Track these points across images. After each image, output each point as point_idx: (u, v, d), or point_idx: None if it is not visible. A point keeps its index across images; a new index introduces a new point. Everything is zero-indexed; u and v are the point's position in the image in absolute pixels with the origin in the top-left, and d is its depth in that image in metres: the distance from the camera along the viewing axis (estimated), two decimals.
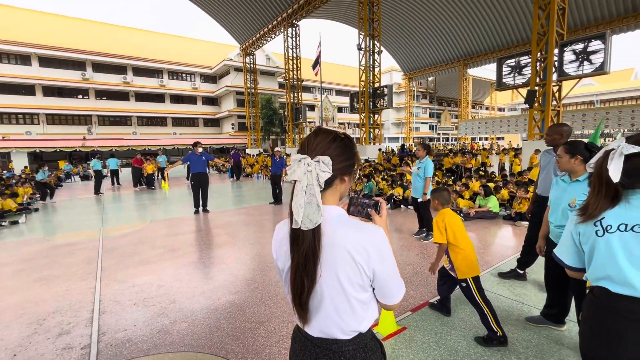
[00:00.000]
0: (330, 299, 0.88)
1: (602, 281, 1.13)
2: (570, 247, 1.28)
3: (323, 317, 0.90)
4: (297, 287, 0.87)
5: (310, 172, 0.83)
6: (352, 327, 0.91)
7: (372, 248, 0.86)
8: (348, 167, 0.93)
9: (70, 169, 19.72)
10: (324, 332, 0.92)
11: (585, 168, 2.17)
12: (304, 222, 0.82)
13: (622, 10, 18.72)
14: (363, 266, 0.86)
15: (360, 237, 0.86)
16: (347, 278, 0.86)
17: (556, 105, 10.23)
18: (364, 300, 0.90)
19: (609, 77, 38.95)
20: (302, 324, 0.93)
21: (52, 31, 28.34)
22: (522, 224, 5.83)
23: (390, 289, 0.92)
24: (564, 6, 9.67)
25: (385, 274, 0.89)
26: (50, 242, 5.64)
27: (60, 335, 2.68)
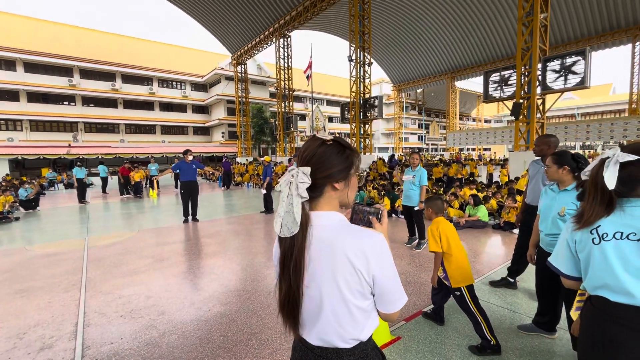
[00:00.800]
0: (330, 306, 0.87)
1: (600, 290, 1.14)
2: (566, 255, 1.28)
3: (322, 324, 0.88)
4: (280, 292, 0.90)
5: (291, 182, 0.85)
6: (352, 335, 0.89)
7: (372, 253, 0.85)
8: (338, 173, 0.91)
9: (54, 177, 19.16)
10: (323, 340, 0.90)
11: (572, 178, 2.24)
12: (282, 231, 0.84)
13: (600, 29, 19.67)
14: (362, 272, 0.85)
15: (360, 242, 0.85)
16: (346, 284, 0.85)
17: (540, 118, 10.55)
18: (364, 308, 0.89)
19: (589, 92, 40.59)
20: (292, 331, 0.93)
21: (38, 37, 27.92)
22: (515, 233, 5.95)
23: (389, 297, 0.89)
24: (546, 23, 10.10)
25: (385, 281, 0.87)
26: (31, 252, 5.43)
27: (42, 350, 2.56)
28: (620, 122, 17.45)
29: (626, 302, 1.07)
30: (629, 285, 1.05)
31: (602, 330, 1.13)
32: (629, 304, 1.07)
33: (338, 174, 0.91)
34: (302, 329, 0.94)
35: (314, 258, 0.88)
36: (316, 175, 0.88)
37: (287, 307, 0.90)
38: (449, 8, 22.19)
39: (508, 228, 6.14)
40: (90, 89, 28.71)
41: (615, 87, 51.03)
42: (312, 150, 0.91)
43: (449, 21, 23.54)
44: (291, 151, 22.18)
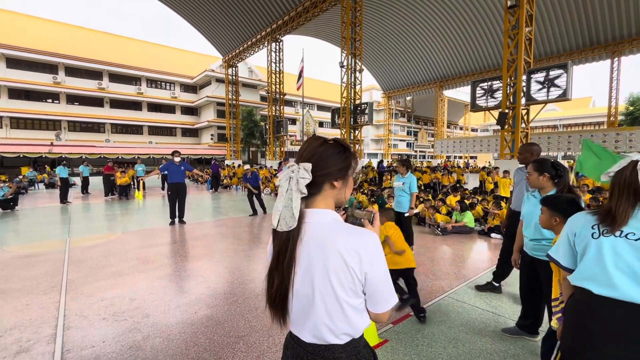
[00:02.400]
0: (323, 303, 0.87)
1: (586, 282, 1.18)
2: (565, 248, 1.34)
3: (314, 321, 0.89)
4: (270, 285, 0.91)
5: (292, 177, 0.86)
6: (344, 331, 0.89)
7: (365, 251, 0.86)
8: (338, 172, 0.93)
9: (34, 176, 18.53)
10: (316, 336, 0.91)
11: (552, 184, 2.31)
12: (280, 225, 0.86)
13: (581, 44, 20.50)
14: (355, 270, 0.86)
15: (353, 240, 0.87)
16: (338, 282, 0.86)
17: (525, 127, 10.88)
18: (356, 306, 0.89)
19: (571, 104, 42.04)
20: (280, 323, 0.94)
21: (23, 31, 27.17)
22: (494, 237, 6.11)
23: (380, 296, 0.90)
24: (531, 37, 10.47)
25: (376, 279, 0.88)
26: (8, 252, 5.22)
27: (18, 354, 2.46)
28: (600, 134, 18.14)
29: (608, 295, 1.12)
30: (616, 279, 1.10)
31: (581, 321, 1.18)
32: (610, 297, 1.11)
33: (337, 173, 0.93)
34: (294, 326, 0.95)
35: (307, 255, 0.89)
36: (316, 172, 0.89)
37: (277, 301, 0.91)
38: (438, 19, 22.76)
39: (497, 232, 6.30)
40: (76, 87, 28.05)
41: (594, 101, 53.15)
42: (314, 148, 0.93)
43: (438, 32, 24.12)
44: (281, 155, 22.14)
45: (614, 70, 20.90)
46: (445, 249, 5.53)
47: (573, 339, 1.21)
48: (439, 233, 6.48)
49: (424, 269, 4.42)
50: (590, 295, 1.17)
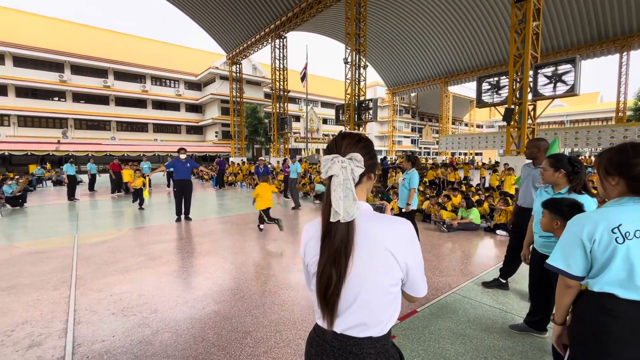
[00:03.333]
0: (365, 293, 0.88)
1: (613, 287, 1.15)
2: (579, 256, 1.22)
3: (353, 312, 0.89)
4: (324, 281, 0.87)
5: (345, 168, 0.87)
6: (379, 320, 0.90)
7: (407, 239, 0.90)
8: (373, 165, 0.97)
9: (42, 174, 18.76)
10: (352, 328, 0.90)
11: (567, 181, 2.27)
12: (344, 215, 0.85)
13: (589, 38, 20.17)
14: (398, 259, 0.88)
15: (394, 229, 0.90)
16: (383, 270, 0.88)
17: (531, 124, 10.76)
18: (395, 294, 0.92)
19: (578, 100, 41.46)
20: (327, 321, 0.90)
21: (29, 30, 27.40)
22: (499, 234, 6.09)
23: (420, 281, 0.95)
24: (538, 32, 10.32)
25: (417, 266, 0.92)
26: (19, 249, 5.30)
27: (30, 347, 2.50)
28: (607, 130, 17.89)
29: (636, 299, 1.11)
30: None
31: (602, 324, 1.15)
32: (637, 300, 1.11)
33: (373, 166, 0.97)
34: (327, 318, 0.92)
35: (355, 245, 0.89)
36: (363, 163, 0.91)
37: (333, 296, 0.87)
38: (443, 14, 22.52)
39: (495, 229, 6.28)
40: (82, 85, 28.27)
41: (602, 96, 52.37)
42: (353, 144, 0.94)
43: (443, 27, 23.87)
44: (285, 152, 22.16)
45: (622, 65, 20.57)
46: (451, 245, 5.52)
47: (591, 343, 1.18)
48: (444, 230, 6.46)
49: (430, 265, 4.41)
50: (613, 299, 1.14)
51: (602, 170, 1.25)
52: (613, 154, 1.21)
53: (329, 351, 0.92)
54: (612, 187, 1.22)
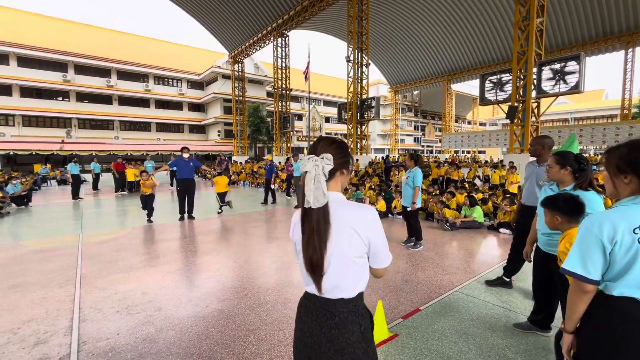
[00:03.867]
0: (335, 264, 1.10)
1: (634, 291, 1.11)
2: (598, 259, 1.16)
3: (328, 279, 1.11)
4: (309, 254, 1.09)
5: (317, 165, 1.07)
6: (350, 286, 1.13)
7: (369, 220, 1.12)
8: (345, 162, 1.20)
9: (46, 173, 18.90)
10: (328, 290, 1.12)
11: (573, 179, 2.25)
12: (313, 202, 1.06)
13: (594, 34, 19.97)
14: (361, 235, 1.10)
15: (359, 212, 1.12)
16: (348, 245, 1.10)
17: (535, 121, 10.69)
18: (361, 265, 1.14)
19: (582, 97, 41.16)
20: (317, 284, 1.12)
21: (32, 30, 27.55)
22: (502, 233, 6.07)
23: (382, 255, 1.16)
24: (542, 28, 10.23)
25: (378, 242, 1.14)
26: (24, 247, 5.35)
27: (36, 345, 2.53)
28: (612, 127, 17.73)
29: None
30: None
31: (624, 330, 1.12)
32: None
33: (345, 164, 1.20)
34: (310, 285, 1.16)
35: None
36: (334, 162, 1.12)
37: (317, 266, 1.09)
38: (446, 11, 22.38)
39: (499, 228, 6.26)
40: (85, 84, 28.41)
41: (607, 93, 51.86)
42: (327, 145, 1.17)
43: (446, 24, 23.73)
44: (287, 151, 22.16)
45: (628, 62, 20.37)
46: (454, 244, 5.50)
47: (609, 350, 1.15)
48: (447, 228, 6.44)
49: (433, 264, 4.40)
50: (635, 303, 1.11)
51: (613, 168, 1.20)
52: (625, 151, 1.16)
53: (313, 309, 1.16)
54: (624, 185, 1.17)
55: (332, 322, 1.12)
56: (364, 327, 1.14)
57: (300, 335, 1.21)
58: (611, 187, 1.24)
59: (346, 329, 1.11)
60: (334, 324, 1.11)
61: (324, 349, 1.11)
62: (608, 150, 1.25)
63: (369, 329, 1.17)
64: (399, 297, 3.33)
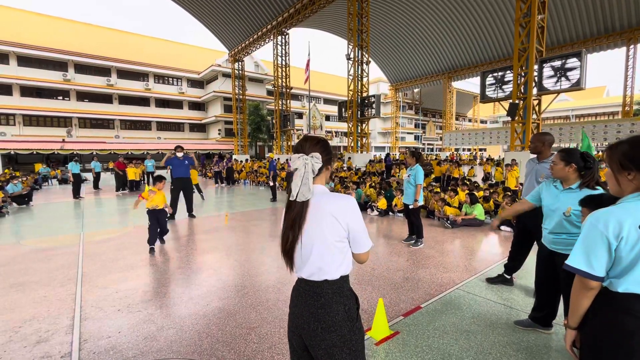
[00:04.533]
0: (317, 248, 1.22)
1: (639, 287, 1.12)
2: (603, 256, 1.16)
3: (312, 262, 1.23)
4: (285, 240, 1.26)
5: (307, 163, 1.19)
6: (333, 269, 1.23)
7: (347, 208, 1.23)
8: (329, 159, 1.34)
9: (47, 172, 18.93)
10: (313, 273, 1.23)
11: (578, 176, 2.22)
12: (298, 196, 1.18)
13: (595, 31, 19.87)
14: (340, 221, 1.21)
15: (338, 201, 1.24)
16: (329, 231, 1.21)
17: (536, 119, 10.65)
18: (341, 249, 1.24)
19: (583, 94, 41.02)
20: (290, 269, 1.29)
21: (32, 30, 27.52)
22: (502, 230, 6.07)
23: (361, 240, 1.27)
24: (543, 25, 10.18)
25: (357, 228, 1.25)
26: (25, 247, 5.37)
27: (38, 343, 2.53)
28: (614, 124, 17.69)
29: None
30: None
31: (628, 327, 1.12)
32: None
33: (329, 160, 1.34)
34: (298, 270, 1.28)
35: (309, 215, 1.23)
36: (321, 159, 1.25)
37: (289, 251, 1.25)
38: (447, 8, 22.28)
39: (499, 225, 6.26)
40: (85, 83, 28.37)
41: (609, 90, 51.63)
42: (313, 145, 1.29)
43: (446, 21, 23.63)
44: (288, 149, 22.13)
45: (629, 58, 20.27)
46: (455, 241, 5.49)
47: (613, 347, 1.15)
48: (448, 226, 6.43)
49: (434, 261, 4.40)
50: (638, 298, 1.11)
51: (616, 165, 1.19)
52: (628, 148, 1.15)
53: (302, 292, 1.27)
54: (628, 182, 1.17)
55: (319, 303, 1.22)
56: (348, 307, 1.24)
57: (292, 317, 1.31)
58: (615, 184, 1.23)
59: (331, 308, 1.21)
60: (320, 304, 1.22)
61: (312, 327, 1.21)
62: (610, 147, 1.24)
63: (353, 308, 1.26)
64: (399, 295, 3.33)
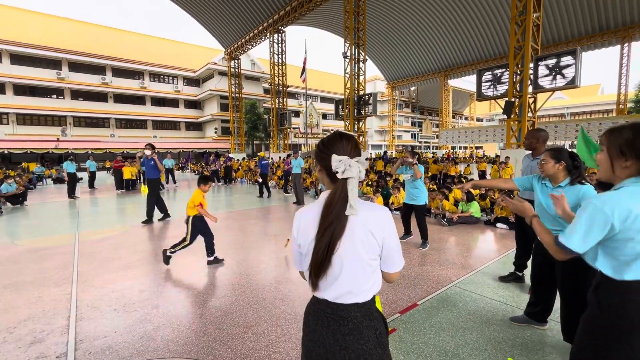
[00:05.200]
0: (349, 267, 1.05)
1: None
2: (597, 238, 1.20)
3: (341, 283, 1.06)
4: (319, 258, 1.03)
5: (361, 171, 1.04)
6: (365, 290, 1.07)
7: (385, 221, 1.08)
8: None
9: (42, 172, 18.76)
10: (341, 297, 1.06)
11: (566, 174, 2.25)
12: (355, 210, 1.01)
13: (590, 30, 20.00)
14: (376, 236, 1.06)
15: (375, 212, 1.08)
16: (363, 246, 1.05)
17: (532, 116, 10.71)
18: (375, 268, 1.09)
19: (578, 92, 41.20)
20: (319, 290, 1.08)
21: (26, 28, 27.20)
22: (499, 227, 6.12)
23: (395, 259, 1.12)
24: (538, 23, 10.23)
25: (393, 245, 1.10)
26: (20, 247, 5.32)
27: (33, 344, 2.51)
28: (608, 122, 17.80)
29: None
30: None
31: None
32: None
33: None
34: (321, 290, 1.09)
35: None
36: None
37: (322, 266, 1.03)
38: (443, 6, 22.30)
39: (495, 223, 6.30)
40: (80, 82, 28.13)
41: (603, 88, 52.05)
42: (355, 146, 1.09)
43: (443, 19, 23.65)
44: (285, 147, 22.10)
45: (623, 56, 20.42)
46: (452, 239, 5.52)
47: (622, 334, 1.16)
48: (444, 223, 6.46)
49: (431, 258, 4.42)
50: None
51: (615, 150, 1.19)
52: (631, 136, 1.15)
53: (323, 316, 1.08)
54: (622, 168, 1.18)
55: (346, 329, 1.05)
56: (379, 332, 1.08)
57: (311, 345, 1.10)
58: (608, 168, 1.23)
59: (361, 334, 1.05)
60: (348, 330, 1.04)
61: (338, 357, 1.04)
62: (611, 131, 1.23)
63: (384, 333, 1.11)
64: (396, 292, 3.34)
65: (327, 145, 1.09)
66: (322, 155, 1.09)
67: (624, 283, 1.17)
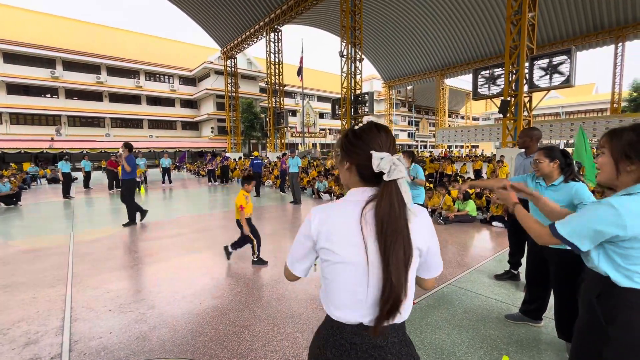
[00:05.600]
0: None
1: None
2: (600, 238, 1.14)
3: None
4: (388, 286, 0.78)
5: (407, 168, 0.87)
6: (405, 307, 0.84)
7: (428, 226, 0.92)
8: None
9: (36, 171, 18.58)
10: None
11: (559, 173, 2.27)
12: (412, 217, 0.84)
13: (585, 29, 20.16)
14: (420, 244, 0.88)
15: (417, 216, 0.88)
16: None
17: (527, 115, 10.78)
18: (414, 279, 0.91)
19: (573, 91, 41.52)
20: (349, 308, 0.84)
21: (19, 26, 26.89)
22: (495, 226, 6.16)
23: (436, 263, 0.96)
24: (534, 22, 10.29)
25: (436, 250, 0.95)
26: (13, 247, 5.26)
27: (27, 345, 2.49)
28: (602, 121, 18.00)
29: None
30: None
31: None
32: None
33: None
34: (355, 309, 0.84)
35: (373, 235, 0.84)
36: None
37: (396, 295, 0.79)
38: (439, 5, 22.36)
39: (491, 221, 6.33)
40: (74, 81, 27.87)
41: (598, 87, 52.50)
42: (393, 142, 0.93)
43: (439, 19, 23.73)
44: (282, 147, 22.06)
45: (618, 56, 20.61)
46: (448, 237, 5.54)
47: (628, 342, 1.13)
48: (441, 222, 6.49)
49: None
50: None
51: (619, 153, 1.12)
52: (635, 138, 1.09)
53: (349, 350, 0.83)
54: (628, 172, 1.11)
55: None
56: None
57: None
58: (611, 172, 1.15)
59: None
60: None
61: None
62: (613, 133, 1.17)
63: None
64: None
65: (360, 137, 0.90)
66: (353, 149, 0.89)
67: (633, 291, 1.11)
